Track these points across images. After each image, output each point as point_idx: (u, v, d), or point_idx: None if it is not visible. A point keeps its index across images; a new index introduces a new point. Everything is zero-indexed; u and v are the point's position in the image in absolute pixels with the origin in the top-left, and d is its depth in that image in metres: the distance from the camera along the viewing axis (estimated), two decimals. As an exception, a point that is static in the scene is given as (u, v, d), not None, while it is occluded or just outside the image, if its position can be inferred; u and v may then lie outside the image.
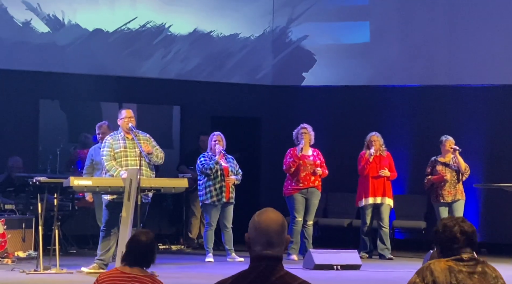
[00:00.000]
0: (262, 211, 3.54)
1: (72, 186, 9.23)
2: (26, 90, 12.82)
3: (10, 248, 10.71)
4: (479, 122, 13.30)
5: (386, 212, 11.81)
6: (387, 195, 11.78)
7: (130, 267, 4.88)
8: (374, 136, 11.85)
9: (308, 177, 11.47)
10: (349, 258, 10.41)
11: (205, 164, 11.06)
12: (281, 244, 3.47)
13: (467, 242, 3.99)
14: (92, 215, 11.06)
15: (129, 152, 9.58)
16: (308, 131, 11.57)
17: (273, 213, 3.51)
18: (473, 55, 13.28)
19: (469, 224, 4.04)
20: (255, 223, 3.49)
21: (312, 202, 11.51)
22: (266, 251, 3.45)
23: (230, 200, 11.10)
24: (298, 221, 11.45)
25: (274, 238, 3.45)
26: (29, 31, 12.83)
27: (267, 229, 3.46)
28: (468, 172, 11.73)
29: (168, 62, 13.76)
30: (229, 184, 11.09)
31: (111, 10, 13.29)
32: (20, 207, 11.47)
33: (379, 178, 11.76)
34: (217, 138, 11.18)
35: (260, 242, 3.46)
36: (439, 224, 4.06)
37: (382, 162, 11.82)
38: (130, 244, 4.98)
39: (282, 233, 3.48)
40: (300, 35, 14.15)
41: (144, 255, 4.92)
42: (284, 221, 3.53)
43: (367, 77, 13.87)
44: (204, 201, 11.10)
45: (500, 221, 12.81)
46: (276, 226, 3.47)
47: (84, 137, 13.45)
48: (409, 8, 13.72)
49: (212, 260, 10.99)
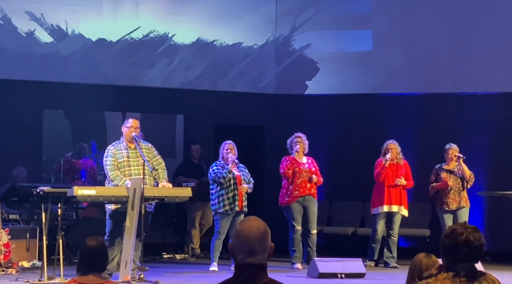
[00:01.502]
0: (244, 219, 3.54)
1: (76, 195, 9.23)
2: (29, 100, 12.84)
3: (15, 258, 10.70)
4: (483, 130, 13.29)
5: (398, 221, 11.74)
6: (403, 204, 11.73)
7: (86, 276, 4.92)
8: (391, 144, 11.77)
9: (304, 184, 11.44)
10: (353, 266, 10.39)
11: (218, 172, 11.01)
12: (263, 252, 3.45)
13: (469, 255, 3.83)
14: (95, 224, 11.06)
15: (132, 161, 9.58)
16: (302, 140, 11.54)
17: (254, 221, 3.49)
18: (477, 63, 13.28)
19: (479, 236, 3.85)
20: (237, 231, 3.48)
21: (311, 210, 11.47)
22: (249, 259, 3.43)
23: (243, 209, 11.05)
24: (298, 230, 11.42)
25: (255, 246, 3.43)
26: (33, 41, 12.85)
27: (248, 236, 3.44)
28: (472, 180, 11.71)
29: (171, 71, 13.77)
30: (242, 193, 11.05)
31: (115, 20, 13.31)
32: (24, 217, 11.47)
33: (396, 186, 11.71)
34: (229, 147, 11.13)
35: (242, 250, 3.44)
36: (449, 228, 3.92)
37: (399, 170, 11.75)
38: (81, 252, 5.04)
39: (264, 240, 3.46)
40: (303, 44, 14.17)
41: (96, 260, 4.96)
42: (267, 228, 3.49)
43: (370, 86, 13.87)
44: (217, 209, 11.04)
45: (504, 229, 12.78)
46: (257, 233, 3.45)
47: (80, 147, 13.46)
48: (411, 16, 13.72)
49: (216, 269, 10.97)
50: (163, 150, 10.38)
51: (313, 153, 11.75)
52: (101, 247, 5.02)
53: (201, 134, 13.64)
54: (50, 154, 13.57)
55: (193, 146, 13.08)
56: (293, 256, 11.41)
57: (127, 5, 13.39)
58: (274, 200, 13.41)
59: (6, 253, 10.54)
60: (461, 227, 3.89)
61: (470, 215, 11.71)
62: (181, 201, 10.30)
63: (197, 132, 13.79)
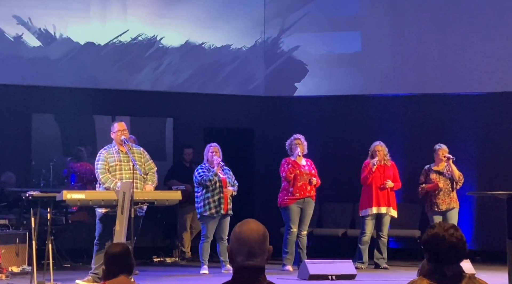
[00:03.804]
0: (243, 221, 3.53)
1: (65, 199, 9.21)
2: (18, 105, 12.81)
3: (4, 263, 10.66)
4: (472, 130, 13.32)
5: (387, 222, 11.76)
6: (391, 205, 11.74)
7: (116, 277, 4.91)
8: (378, 146, 11.78)
9: (305, 187, 11.46)
10: (344, 268, 10.40)
11: (204, 175, 11.00)
12: (263, 254, 3.45)
13: (456, 257, 3.81)
14: (85, 228, 11.03)
15: (123, 165, 9.58)
16: (301, 141, 11.56)
17: (254, 224, 3.50)
18: (466, 63, 13.31)
19: (460, 235, 3.84)
20: (236, 233, 3.48)
21: (307, 212, 11.50)
22: (248, 261, 3.43)
23: (228, 212, 11.05)
24: (293, 232, 11.43)
25: (255, 248, 3.44)
26: (21, 45, 12.82)
27: (248, 239, 3.44)
28: (462, 180, 11.73)
29: (160, 75, 13.76)
30: (227, 196, 11.06)
31: (103, 23, 13.29)
32: (13, 221, 11.43)
33: (384, 188, 11.72)
34: (214, 150, 11.12)
35: (242, 252, 3.44)
36: (428, 232, 3.88)
37: (386, 171, 11.77)
38: (107, 260, 5.04)
39: (264, 243, 3.47)
40: (292, 46, 14.18)
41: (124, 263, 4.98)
42: (266, 231, 3.50)
43: (360, 87, 13.89)
44: (203, 213, 11.04)
45: (494, 229, 12.79)
46: (257, 236, 3.46)
47: (78, 151, 13.44)
48: (400, 17, 13.75)
49: (207, 272, 10.96)
50: (153, 153, 10.37)
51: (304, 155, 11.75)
52: (126, 251, 5.04)
53: (191, 137, 13.63)
54: (39, 158, 13.53)
55: (185, 150, 13.06)
56: (284, 258, 11.40)
57: (115, 9, 13.37)
58: (263, 202, 13.41)
59: (-5, 258, 10.50)
60: (441, 230, 3.83)
61: (459, 215, 11.73)
62: (171, 205, 10.30)
63: (187, 135, 13.78)
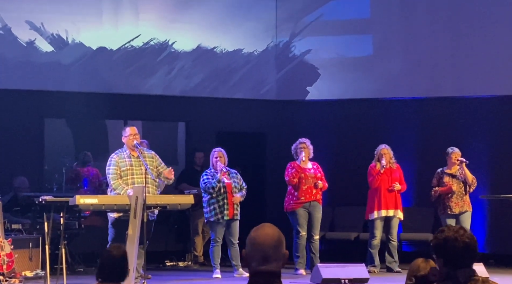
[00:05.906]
0: (258, 226, 3.50)
1: (78, 204, 9.23)
2: (31, 110, 12.85)
3: (17, 267, 10.69)
4: (485, 133, 13.28)
5: (396, 225, 11.75)
6: (398, 207, 11.74)
7: None
8: (384, 149, 11.79)
9: (310, 190, 11.44)
10: (356, 271, 10.38)
11: (208, 182, 11.01)
12: (278, 259, 3.43)
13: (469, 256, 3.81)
14: (98, 233, 11.05)
15: (135, 169, 9.59)
16: (307, 145, 11.54)
17: (269, 228, 3.47)
18: (477, 66, 13.28)
19: (470, 234, 3.83)
20: (251, 238, 3.45)
21: (315, 216, 11.47)
22: (263, 266, 3.41)
23: (234, 217, 11.05)
24: (303, 236, 11.41)
25: (270, 253, 3.41)
26: (33, 50, 12.87)
27: (263, 244, 3.42)
28: (475, 184, 11.69)
29: (172, 79, 13.78)
30: (232, 201, 11.05)
31: (115, 28, 13.33)
32: (26, 226, 11.46)
33: (391, 191, 11.71)
34: (218, 155, 11.10)
35: (256, 257, 3.42)
36: (438, 236, 3.88)
37: (393, 174, 11.76)
38: (102, 259, 5.01)
39: (279, 248, 3.44)
40: (303, 50, 14.17)
41: (116, 269, 4.95)
42: (281, 235, 3.47)
43: (371, 91, 13.87)
44: (209, 218, 11.07)
45: (507, 232, 12.77)
46: (272, 241, 3.43)
47: (84, 155, 13.45)
48: (411, 21, 13.73)
49: (219, 276, 10.97)
50: (165, 158, 10.39)
51: (315, 158, 11.75)
52: (122, 257, 5.01)
53: (203, 141, 13.63)
54: (52, 163, 13.57)
55: (197, 154, 13.08)
56: (296, 262, 11.40)
57: (127, 13, 13.41)
58: (275, 206, 13.39)
59: (9, 263, 10.52)
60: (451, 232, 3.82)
61: (472, 218, 11.69)
62: (183, 209, 10.30)
63: (199, 140, 13.79)
